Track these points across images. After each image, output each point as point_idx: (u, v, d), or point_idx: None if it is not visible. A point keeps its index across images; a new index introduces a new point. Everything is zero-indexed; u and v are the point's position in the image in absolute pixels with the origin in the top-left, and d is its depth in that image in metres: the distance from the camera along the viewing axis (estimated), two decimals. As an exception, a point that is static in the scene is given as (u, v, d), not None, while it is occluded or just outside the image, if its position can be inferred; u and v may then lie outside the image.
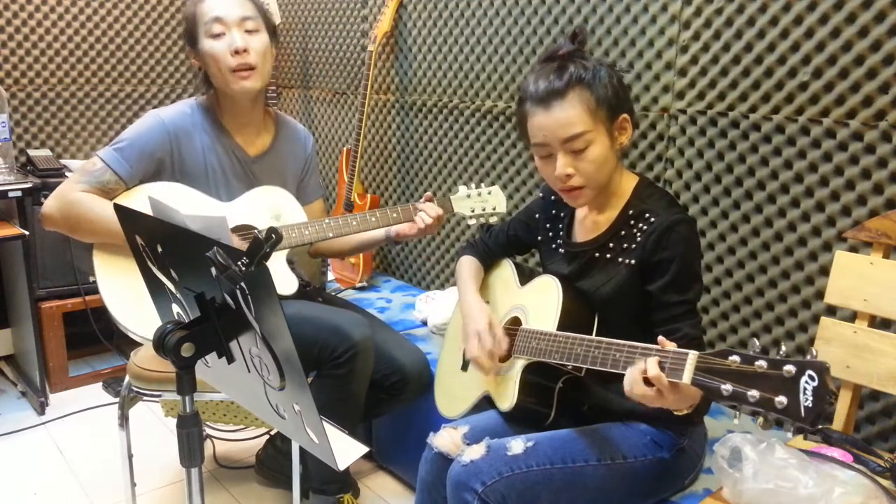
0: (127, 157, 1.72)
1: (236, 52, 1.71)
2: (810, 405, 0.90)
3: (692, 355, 1.04)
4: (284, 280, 1.81)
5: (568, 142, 1.28)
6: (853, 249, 1.53)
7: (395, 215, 1.85)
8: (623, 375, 1.14)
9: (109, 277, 1.69)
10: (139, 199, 1.73)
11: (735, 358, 0.98)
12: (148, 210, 1.70)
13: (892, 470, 1.28)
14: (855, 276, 1.40)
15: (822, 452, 1.29)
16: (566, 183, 1.31)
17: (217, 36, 1.72)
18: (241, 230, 1.81)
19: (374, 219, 1.85)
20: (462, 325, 1.53)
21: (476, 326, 1.47)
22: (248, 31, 1.74)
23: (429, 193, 1.91)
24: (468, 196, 1.95)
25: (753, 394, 0.95)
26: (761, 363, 0.95)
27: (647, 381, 1.09)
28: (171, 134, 1.76)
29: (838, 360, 1.40)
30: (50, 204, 1.69)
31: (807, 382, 0.90)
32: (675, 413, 1.16)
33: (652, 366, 1.07)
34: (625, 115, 1.32)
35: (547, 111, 1.28)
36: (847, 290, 1.41)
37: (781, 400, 0.92)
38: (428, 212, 1.83)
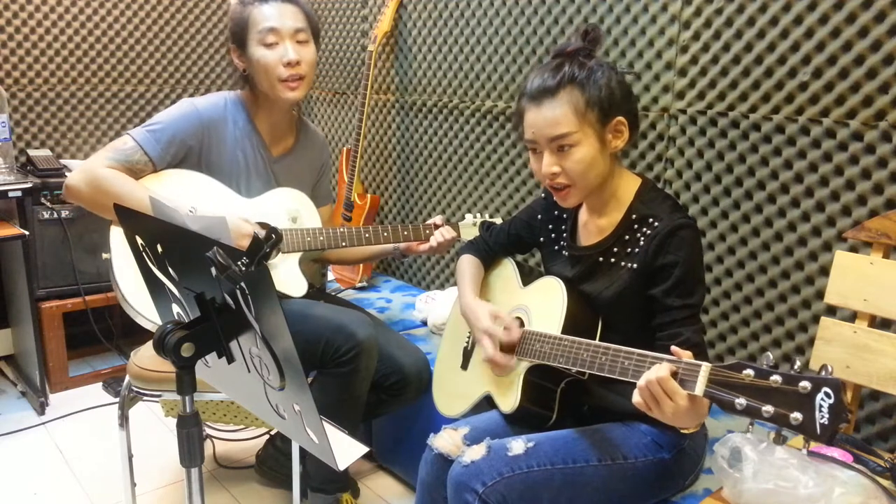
0: (159, 140, 1.73)
1: (288, 64, 1.74)
2: (826, 422, 0.89)
3: (705, 367, 1.03)
4: (295, 282, 1.82)
5: (553, 140, 1.28)
6: (853, 249, 1.53)
7: (405, 233, 1.93)
8: (629, 382, 1.14)
9: (125, 256, 1.69)
10: (167, 182, 1.75)
11: (749, 372, 0.97)
12: (176, 191, 1.72)
13: (892, 470, 1.29)
14: (855, 276, 1.40)
15: (822, 452, 1.29)
16: (553, 181, 1.32)
17: (270, 45, 1.74)
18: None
19: (385, 234, 1.92)
20: (471, 329, 1.52)
21: (482, 325, 1.45)
22: (300, 43, 1.77)
23: (440, 217, 1.99)
24: (474, 224, 2.04)
25: (768, 409, 0.94)
26: (776, 378, 0.94)
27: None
28: (204, 123, 1.77)
29: (838, 360, 1.40)
30: (76, 177, 1.70)
31: (822, 399, 0.89)
32: (682, 430, 1.16)
33: (663, 371, 1.06)
34: (620, 119, 1.30)
35: (537, 109, 1.29)
36: (847, 290, 1.41)
37: (797, 416, 0.91)
38: (444, 234, 1.93)
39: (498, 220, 2.03)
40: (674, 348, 1.10)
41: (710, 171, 1.78)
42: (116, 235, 1.72)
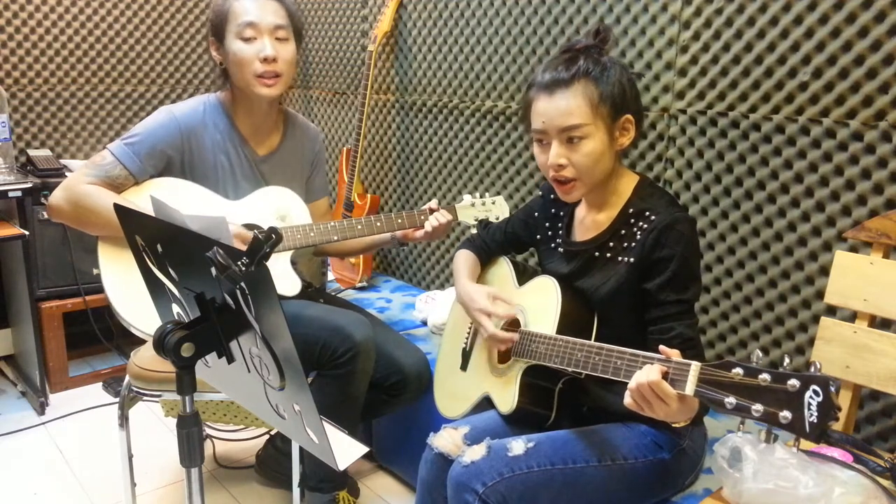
0: (137, 153, 1.72)
1: (265, 60, 1.72)
2: (815, 420, 0.89)
3: (695, 366, 1.03)
4: (288, 281, 1.82)
5: (564, 131, 1.28)
6: (853, 249, 1.53)
7: (399, 221, 1.89)
8: (624, 382, 1.14)
9: (114, 271, 1.70)
10: (147, 193, 1.74)
11: (738, 370, 0.97)
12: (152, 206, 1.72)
13: (892, 470, 1.28)
14: (855, 276, 1.40)
15: (822, 452, 1.29)
16: (558, 173, 1.31)
17: (248, 40, 1.73)
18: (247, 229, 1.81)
19: (378, 224, 1.88)
20: (466, 311, 1.52)
21: (478, 304, 1.45)
22: (279, 39, 1.75)
23: (434, 201, 1.94)
24: (472, 205, 1.97)
25: (757, 408, 0.94)
26: (765, 376, 0.94)
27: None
28: (183, 132, 1.76)
29: (838, 360, 1.40)
30: (58, 195, 1.70)
31: (811, 397, 0.89)
32: (673, 425, 1.16)
33: (654, 374, 1.06)
34: (628, 117, 1.31)
35: (550, 98, 1.29)
36: (847, 290, 1.41)
37: (786, 415, 0.91)
38: (439, 217, 1.88)
39: (497, 199, 2.00)
40: (662, 348, 1.10)
41: (710, 171, 1.78)
42: (104, 251, 1.72)
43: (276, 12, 1.75)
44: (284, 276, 1.82)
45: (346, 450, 1.03)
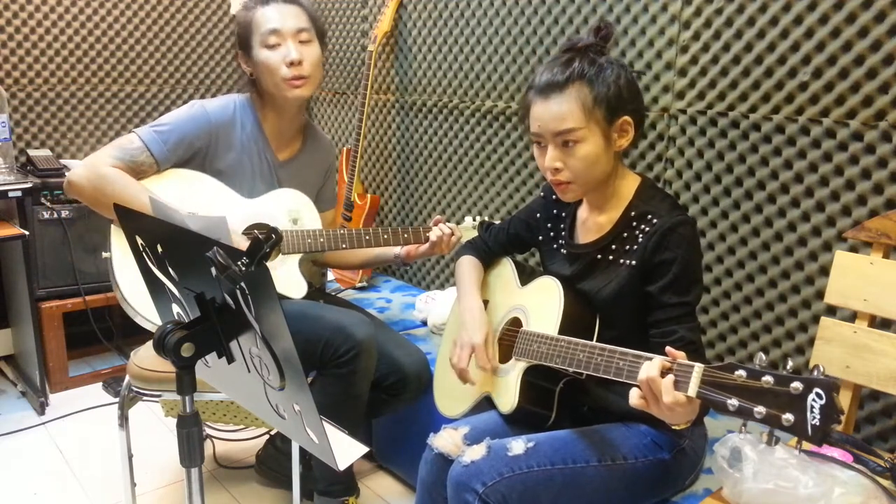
0: (166, 141, 1.74)
1: (291, 64, 1.74)
2: (818, 423, 0.89)
3: (698, 368, 1.03)
4: (295, 284, 1.83)
5: (559, 135, 1.28)
6: (853, 249, 1.53)
7: (405, 235, 1.94)
8: (625, 383, 1.14)
9: (125, 255, 1.70)
10: (167, 183, 1.75)
11: (741, 373, 0.97)
12: (177, 191, 1.72)
13: (892, 470, 1.29)
14: (855, 276, 1.40)
15: (822, 452, 1.29)
16: (555, 176, 1.32)
17: (273, 47, 1.75)
18: (256, 228, 1.83)
19: (385, 236, 1.92)
20: (460, 329, 1.52)
21: (472, 339, 1.46)
22: (303, 42, 1.78)
23: (438, 216, 1.98)
24: (473, 227, 2.03)
25: (760, 410, 0.93)
26: (768, 378, 0.94)
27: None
28: (213, 126, 1.78)
29: (838, 360, 1.40)
30: (79, 172, 1.70)
31: (814, 400, 0.89)
32: (673, 427, 1.16)
33: (668, 390, 1.05)
34: (626, 118, 1.30)
35: (544, 102, 1.29)
36: (847, 290, 1.41)
37: (788, 417, 0.91)
38: (443, 228, 1.93)
39: (497, 223, 2.04)
40: (669, 349, 1.09)
41: (710, 171, 1.78)
42: (117, 234, 1.73)
43: (297, 17, 1.78)
44: (292, 279, 1.83)
45: (346, 450, 1.03)
